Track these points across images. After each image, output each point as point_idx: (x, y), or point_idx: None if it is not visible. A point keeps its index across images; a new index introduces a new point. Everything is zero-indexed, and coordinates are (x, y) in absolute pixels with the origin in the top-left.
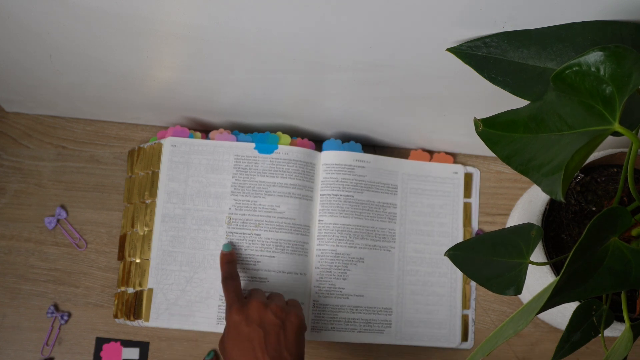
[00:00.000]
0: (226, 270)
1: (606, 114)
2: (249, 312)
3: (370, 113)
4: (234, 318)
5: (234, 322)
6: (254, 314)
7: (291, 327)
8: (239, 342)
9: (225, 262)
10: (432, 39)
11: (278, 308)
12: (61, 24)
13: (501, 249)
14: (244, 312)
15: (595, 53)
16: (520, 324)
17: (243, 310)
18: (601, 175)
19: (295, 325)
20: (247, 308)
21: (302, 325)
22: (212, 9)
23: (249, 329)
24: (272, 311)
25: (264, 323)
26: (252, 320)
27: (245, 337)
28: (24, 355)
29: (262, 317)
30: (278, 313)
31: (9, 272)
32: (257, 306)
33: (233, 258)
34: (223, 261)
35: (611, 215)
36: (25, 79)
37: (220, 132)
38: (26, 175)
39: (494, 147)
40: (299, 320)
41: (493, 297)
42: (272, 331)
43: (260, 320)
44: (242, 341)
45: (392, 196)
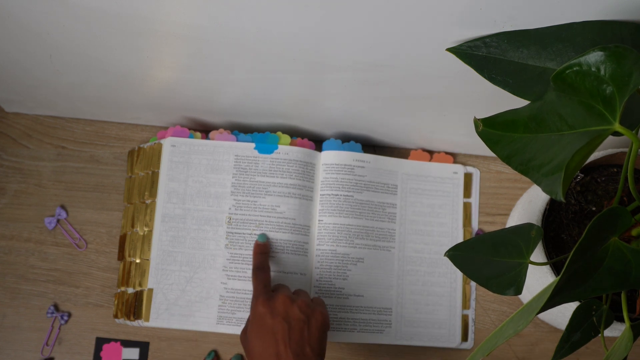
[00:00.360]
0: (259, 260)
1: (606, 114)
2: (275, 304)
3: (370, 113)
4: (259, 309)
5: (260, 313)
6: (280, 307)
7: (315, 324)
8: (263, 334)
9: (258, 253)
10: (432, 39)
11: (304, 304)
12: (61, 24)
13: (501, 249)
14: (270, 305)
15: (595, 53)
16: (520, 324)
17: (269, 302)
18: (601, 175)
19: (320, 322)
20: (273, 301)
21: (326, 323)
22: (212, 9)
23: (273, 322)
24: (298, 306)
25: (289, 317)
26: (277, 314)
27: (270, 329)
28: (24, 355)
29: (288, 311)
30: (304, 309)
31: (9, 272)
32: (284, 300)
33: (267, 249)
34: (256, 251)
35: (611, 215)
36: (25, 79)
37: (220, 132)
38: (26, 175)
39: (494, 147)
40: (324, 317)
41: (493, 297)
42: (297, 326)
43: (285, 314)
44: (266, 333)
45: (392, 196)
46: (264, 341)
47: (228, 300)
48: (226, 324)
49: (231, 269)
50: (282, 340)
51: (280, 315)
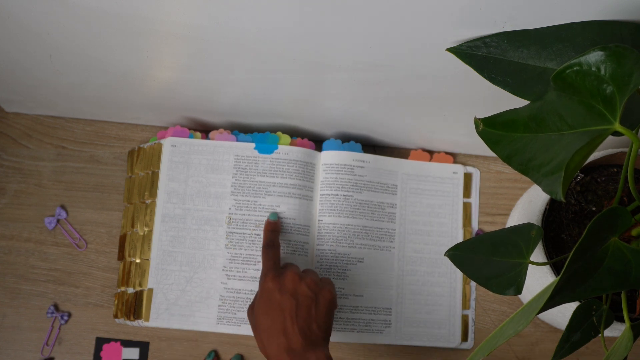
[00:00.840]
0: (269, 237)
1: (607, 114)
2: (284, 281)
3: (370, 113)
4: (268, 285)
5: (268, 289)
6: (288, 284)
7: (323, 302)
8: (270, 309)
9: (269, 230)
10: (432, 39)
11: (312, 282)
12: (61, 24)
13: (501, 249)
14: (279, 281)
15: (595, 53)
16: (520, 324)
17: (278, 279)
18: (601, 175)
19: (328, 300)
20: (282, 277)
21: (334, 301)
22: (212, 9)
23: (281, 298)
24: (307, 284)
25: (298, 294)
26: (285, 290)
27: (277, 305)
28: (24, 355)
29: (297, 288)
30: (312, 286)
31: (9, 272)
32: (293, 277)
33: (278, 228)
34: (267, 229)
35: (611, 215)
36: (25, 79)
37: (220, 132)
38: (26, 175)
39: (494, 146)
40: (332, 296)
41: (493, 297)
42: (304, 303)
43: (294, 290)
44: (274, 309)
45: (392, 196)
46: (272, 316)
47: (228, 300)
48: (226, 324)
49: (231, 269)
50: (290, 316)
51: (288, 292)
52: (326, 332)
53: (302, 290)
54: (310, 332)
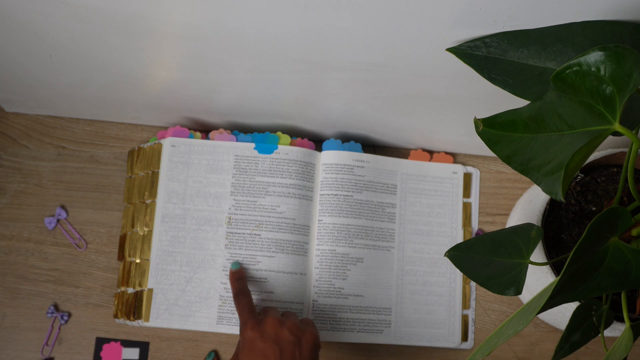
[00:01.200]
0: (237, 287)
1: (606, 114)
2: (264, 328)
3: (370, 113)
4: (249, 334)
5: (250, 338)
6: (270, 331)
7: (307, 345)
8: (254, 358)
9: (235, 280)
10: (432, 39)
11: (294, 325)
12: (61, 24)
13: (501, 249)
14: (260, 329)
15: (595, 53)
16: (520, 324)
17: (259, 327)
18: (601, 175)
19: (311, 342)
20: (262, 324)
21: (317, 343)
22: (212, 9)
23: (264, 345)
24: (288, 328)
25: (280, 340)
26: (267, 337)
27: (261, 353)
28: (24, 355)
29: (278, 334)
30: (294, 330)
31: (9, 272)
32: (273, 323)
33: (242, 275)
34: (232, 279)
35: (611, 215)
36: (25, 79)
37: (220, 132)
38: (26, 175)
39: (494, 147)
40: (314, 337)
41: (493, 297)
42: (288, 348)
43: (276, 337)
44: (258, 357)
45: (392, 196)
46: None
47: (228, 301)
48: (226, 324)
49: None
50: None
51: (270, 339)
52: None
53: (284, 336)
54: None
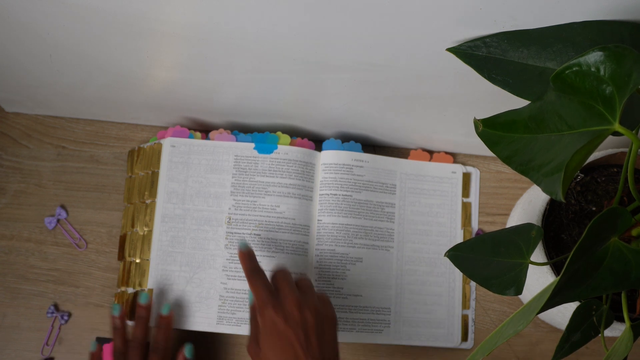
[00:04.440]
0: (249, 266)
1: (606, 114)
2: (286, 311)
3: (370, 113)
4: (271, 316)
5: (272, 320)
6: (293, 313)
7: (328, 324)
8: (278, 343)
9: (245, 260)
10: (432, 39)
11: (314, 308)
12: (61, 24)
13: (501, 249)
14: (282, 311)
15: (595, 53)
16: (520, 324)
17: (280, 308)
18: (601, 175)
19: (333, 323)
20: (283, 306)
21: (335, 320)
22: (212, 9)
23: (287, 329)
24: (310, 310)
25: (305, 323)
26: (291, 320)
27: (285, 337)
28: (24, 355)
29: (302, 317)
30: (315, 312)
31: (9, 272)
32: (294, 304)
33: (252, 254)
34: (243, 259)
35: (611, 215)
36: (25, 79)
37: (219, 132)
38: (26, 175)
39: (494, 147)
40: (334, 315)
41: (493, 297)
42: (312, 331)
43: (300, 320)
44: (282, 341)
45: (391, 196)
46: (281, 350)
47: (228, 301)
48: (226, 324)
49: (231, 269)
50: (301, 347)
51: (294, 321)
52: (335, 351)
53: (308, 319)
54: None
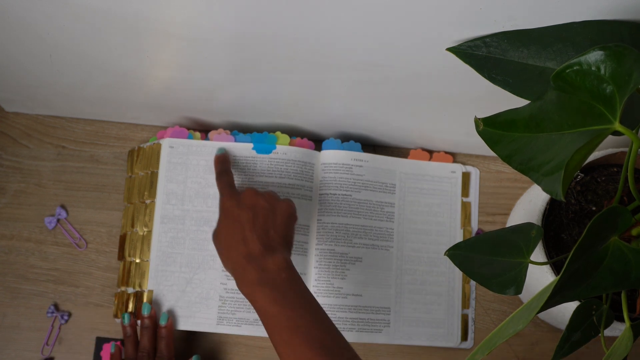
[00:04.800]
0: (220, 167)
1: (606, 113)
2: (241, 197)
3: (370, 113)
4: (225, 204)
5: (226, 207)
6: (246, 199)
7: (280, 212)
8: (229, 224)
9: (219, 162)
10: (432, 38)
11: (270, 196)
12: (61, 24)
13: (501, 248)
14: (237, 198)
15: (595, 52)
16: (520, 323)
17: (236, 196)
18: (601, 175)
19: (285, 210)
20: (238, 194)
21: (292, 212)
22: (212, 9)
23: (239, 211)
24: (264, 197)
25: (255, 206)
26: (243, 204)
27: (236, 218)
28: (24, 355)
29: (254, 201)
30: (269, 200)
31: (9, 272)
32: (250, 193)
33: (226, 158)
34: (217, 161)
35: (611, 214)
36: (25, 79)
37: (218, 133)
38: (26, 175)
39: (494, 146)
40: (289, 207)
41: (493, 297)
42: (261, 213)
43: (251, 203)
44: (233, 222)
45: (390, 195)
46: (231, 229)
47: (228, 301)
48: (226, 325)
49: None
50: (247, 225)
51: (246, 205)
52: (284, 239)
53: (259, 203)
54: (268, 238)
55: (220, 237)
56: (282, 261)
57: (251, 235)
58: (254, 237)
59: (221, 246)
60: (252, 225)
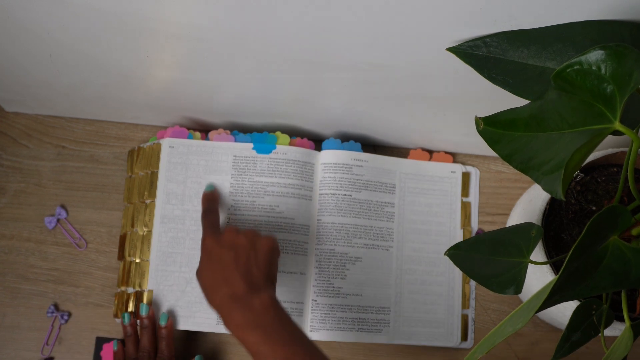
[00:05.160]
0: (206, 206)
1: (607, 113)
2: (221, 237)
3: (370, 113)
4: (207, 244)
5: (207, 247)
6: (226, 239)
7: (262, 248)
8: (211, 264)
9: (206, 200)
10: (432, 38)
11: (250, 232)
12: (61, 24)
13: (501, 248)
14: (217, 238)
15: (596, 52)
16: (519, 322)
17: (216, 236)
18: (601, 175)
19: (266, 246)
20: (220, 234)
21: (274, 247)
22: (212, 9)
23: (221, 251)
24: (244, 235)
25: (236, 245)
26: (223, 244)
27: (217, 259)
28: (24, 355)
29: (234, 240)
30: (250, 236)
31: (9, 272)
32: (230, 232)
33: (214, 196)
34: (204, 199)
35: (611, 214)
36: (25, 79)
37: (218, 133)
38: (26, 175)
39: (494, 145)
40: (271, 242)
41: (493, 297)
42: (243, 251)
43: (232, 243)
44: (214, 263)
45: (390, 195)
46: (213, 270)
47: None
48: None
49: None
50: (229, 265)
51: (226, 245)
52: (268, 276)
53: (240, 242)
54: (252, 277)
55: (203, 277)
56: (267, 299)
57: (234, 276)
58: (237, 277)
59: (205, 286)
60: (234, 265)
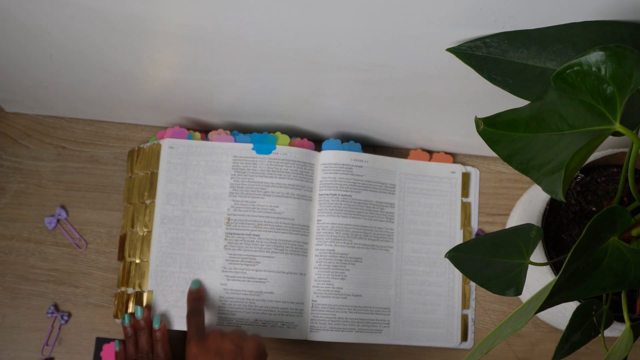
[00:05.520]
0: (191, 306)
1: (607, 114)
2: (206, 342)
3: (370, 113)
4: (192, 350)
5: (192, 354)
6: (211, 344)
7: (249, 352)
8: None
9: (192, 299)
10: (432, 39)
11: (235, 335)
12: (61, 24)
13: (501, 249)
14: (202, 344)
15: (596, 53)
16: (519, 323)
17: (201, 341)
18: (601, 176)
19: (253, 349)
20: (205, 339)
21: (260, 350)
22: (212, 9)
23: (207, 358)
24: (229, 339)
25: (222, 351)
26: (209, 350)
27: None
28: (24, 355)
29: (220, 345)
30: (235, 340)
31: (9, 272)
32: (215, 336)
33: (200, 295)
34: (190, 298)
35: (611, 214)
36: (25, 79)
37: (218, 133)
38: (26, 175)
39: (494, 146)
40: (257, 344)
41: (493, 297)
42: (229, 357)
43: (217, 348)
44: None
45: (390, 196)
46: None
47: (228, 301)
48: (226, 325)
49: (230, 270)
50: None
51: (212, 352)
52: None
53: (225, 346)
54: None
55: None
56: None
57: None
58: None
59: None
60: None
